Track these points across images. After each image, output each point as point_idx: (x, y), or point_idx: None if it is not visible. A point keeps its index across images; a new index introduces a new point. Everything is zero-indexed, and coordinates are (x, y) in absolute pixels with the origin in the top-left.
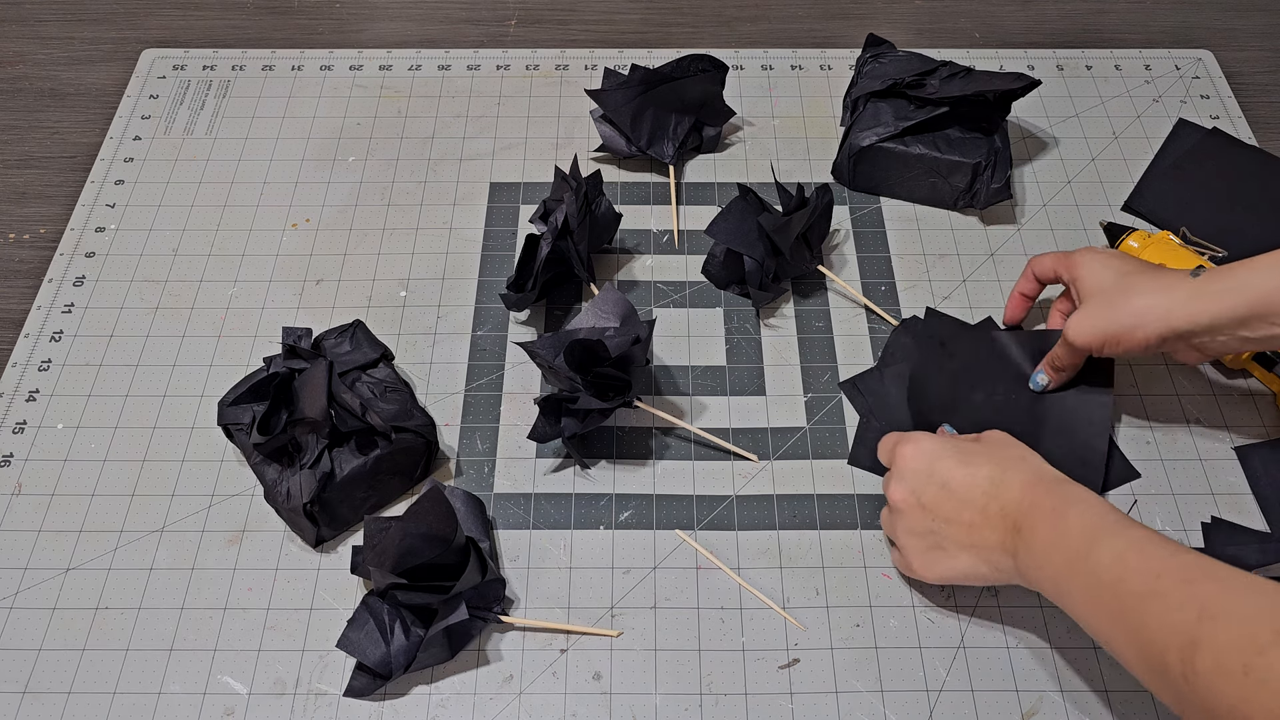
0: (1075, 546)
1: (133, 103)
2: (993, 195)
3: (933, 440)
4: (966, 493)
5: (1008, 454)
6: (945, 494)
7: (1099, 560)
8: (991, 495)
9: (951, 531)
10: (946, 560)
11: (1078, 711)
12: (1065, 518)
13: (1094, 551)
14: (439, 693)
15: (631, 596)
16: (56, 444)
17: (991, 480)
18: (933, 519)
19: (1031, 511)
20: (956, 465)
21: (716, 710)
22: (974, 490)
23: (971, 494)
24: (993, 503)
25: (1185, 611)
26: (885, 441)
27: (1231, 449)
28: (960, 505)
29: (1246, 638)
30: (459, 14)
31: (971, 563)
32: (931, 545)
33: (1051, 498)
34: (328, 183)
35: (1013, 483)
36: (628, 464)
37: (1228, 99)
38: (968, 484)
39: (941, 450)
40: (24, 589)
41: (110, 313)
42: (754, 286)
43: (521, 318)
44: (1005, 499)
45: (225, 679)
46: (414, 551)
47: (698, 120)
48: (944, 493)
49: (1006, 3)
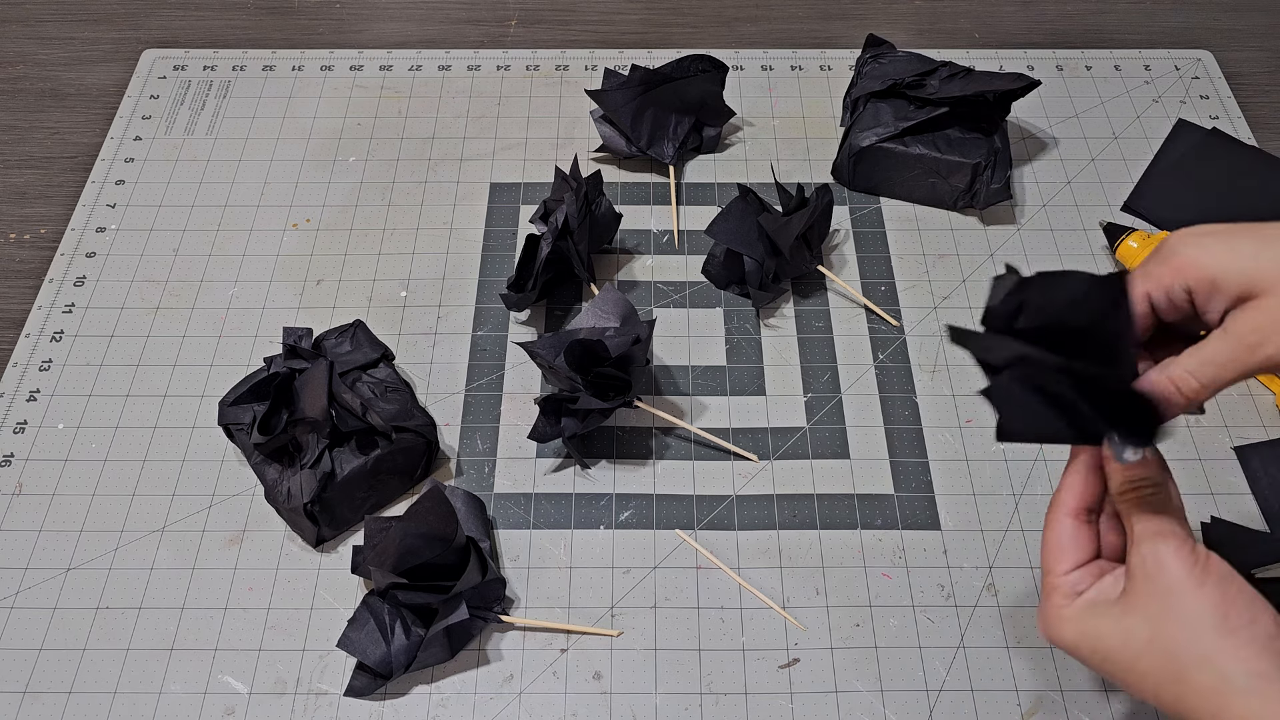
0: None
1: (133, 103)
2: (993, 195)
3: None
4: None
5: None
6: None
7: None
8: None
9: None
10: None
11: (1078, 711)
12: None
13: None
14: (439, 692)
15: (631, 596)
16: (57, 444)
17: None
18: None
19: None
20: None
21: (716, 710)
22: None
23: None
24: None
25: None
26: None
27: (1231, 449)
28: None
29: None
30: (459, 14)
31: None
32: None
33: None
34: (328, 183)
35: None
36: (628, 464)
37: (1228, 99)
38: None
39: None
40: (24, 589)
41: (111, 313)
42: (754, 286)
43: (521, 318)
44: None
45: (226, 679)
46: (414, 551)
47: (698, 120)
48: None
49: (1006, 3)
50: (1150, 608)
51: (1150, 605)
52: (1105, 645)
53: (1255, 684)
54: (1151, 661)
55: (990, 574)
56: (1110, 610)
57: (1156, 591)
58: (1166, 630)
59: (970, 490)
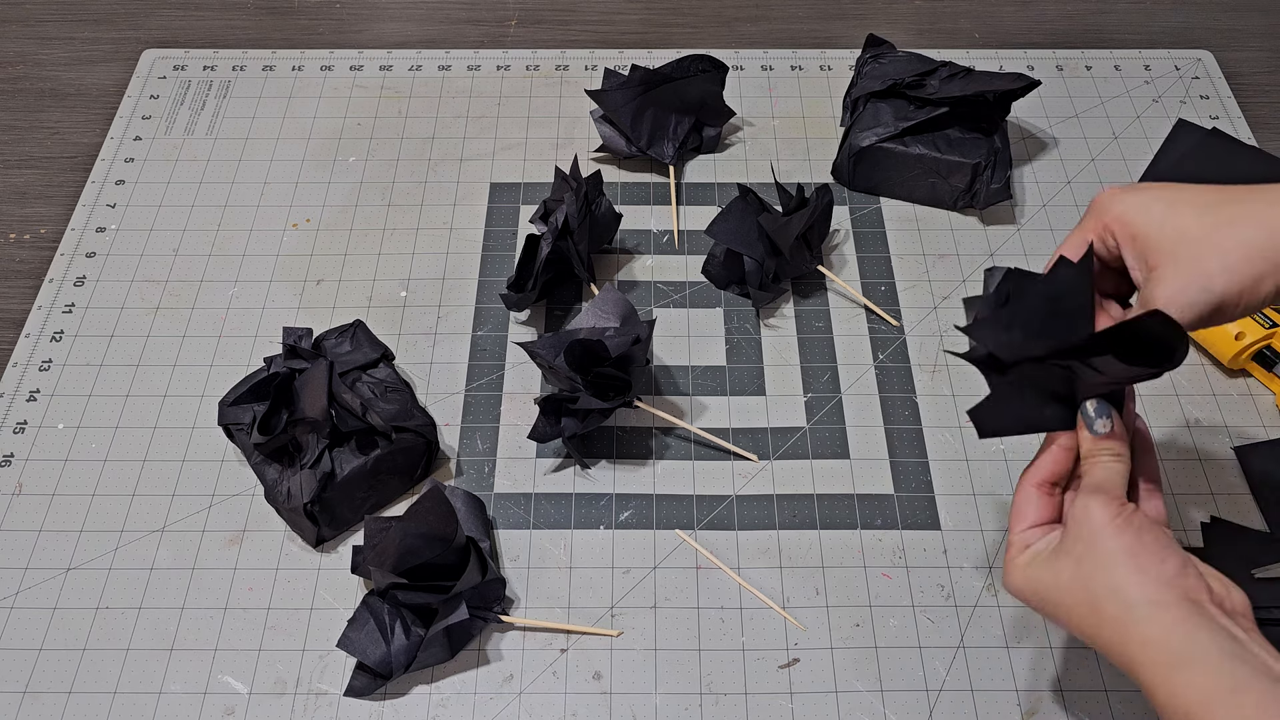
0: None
1: (133, 103)
2: (992, 195)
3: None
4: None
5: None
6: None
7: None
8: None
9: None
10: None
11: (1078, 711)
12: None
13: None
14: (439, 692)
15: (631, 596)
16: (57, 444)
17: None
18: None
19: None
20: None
21: (716, 710)
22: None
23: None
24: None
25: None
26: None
27: (1231, 449)
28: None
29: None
30: (459, 14)
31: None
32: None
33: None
34: (328, 183)
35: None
36: (628, 464)
37: (1227, 99)
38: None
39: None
40: (24, 589)
41: (111, 313)
42: (754, 286)
43: (521, 318)
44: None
45: (225, 679)
46: (414, 551)
47: (698, 120)
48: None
49: (1006, 3)
50: (1076, 549)
51: (1076, 547)
52: (1042, 587)
53: (1153, 612)
54: (1073, 596)
55: (990, 574)
56: (1048, 557)
57: (1082, 535)
58: (1085, 568)
59: (970, 490)
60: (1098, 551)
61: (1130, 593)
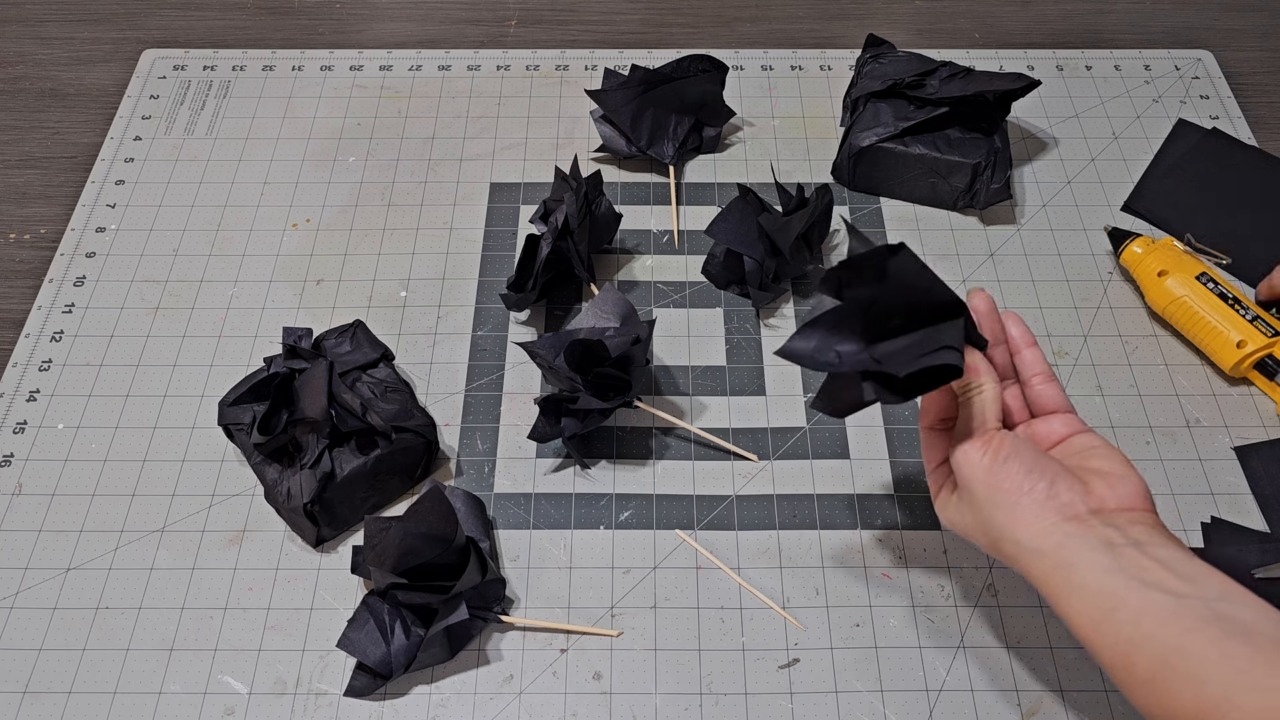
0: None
1: (133, 103)
2: (992, 196)
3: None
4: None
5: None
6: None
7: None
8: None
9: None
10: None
11: (1078, 711)
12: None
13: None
14: (439, 693)
15: (631, 596)
16: (57, 444)
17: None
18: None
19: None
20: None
21: (716, 710)
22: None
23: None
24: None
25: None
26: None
27: (1231, 449)
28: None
29: None
30: (459, 14)
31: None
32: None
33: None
34: (328, 183)
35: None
36: (628, 464)
37: (1227, 99)
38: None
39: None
40: (24, 589)
41: (111, 313)
42: (754, 286)
43: (521, 318)
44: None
45: (225, 679)
46: (414, 551)
47: (698, 120)
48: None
49: (1006, 3)
50: (965, 496)
51: (964, 495)
52: (963, 530)
53: (1037, 543)
54: (981, 538)
55: (990, 574)
56: (956, 503)
57: (964, 484)
58: (978, 514)
59: None
60: (977, 498)
61: (1014, 532)
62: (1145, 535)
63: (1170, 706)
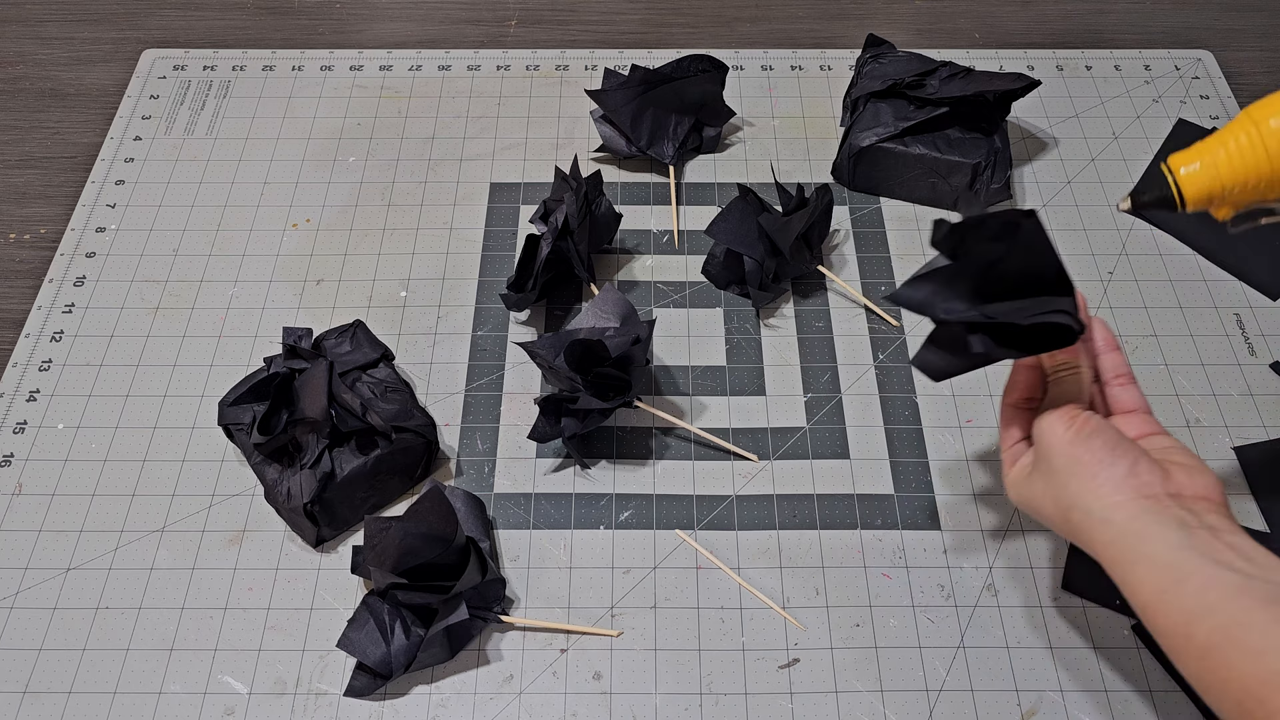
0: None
1: (133, 103)
2: (993, 195)
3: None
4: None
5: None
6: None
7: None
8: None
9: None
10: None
11: (1078, 712)
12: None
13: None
14: (439, 693)
15: (631, 596)
16: (57, 444)
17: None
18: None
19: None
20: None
21: (716, 710)
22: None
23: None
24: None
25: None
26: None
27: (1231, 449)
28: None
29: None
30: (459, 14)
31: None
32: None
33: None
34: (328, 183)
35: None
36: (628, 464)
37: (1227, 99)
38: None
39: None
40: (24, 589)
41: (111, 313)
42: (754, 286)
43: (521, 318)
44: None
45: (225, 679)
46: (414, 551)
47: (698, 120)
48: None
49: (1006, 3)
50: (1042, 466)
51: (1042, 465)
52: (1027, 500)
53: (1107, 515)
54: (1050, 507)
55: (990, 574)
56: (1029, 474)
57: (1044, 454)
58: (1051, 483)
59: (970, 490)
60: (1055, 468)
61: (1086, 501)
62: (1218, 522)
63: (1226, 677)
